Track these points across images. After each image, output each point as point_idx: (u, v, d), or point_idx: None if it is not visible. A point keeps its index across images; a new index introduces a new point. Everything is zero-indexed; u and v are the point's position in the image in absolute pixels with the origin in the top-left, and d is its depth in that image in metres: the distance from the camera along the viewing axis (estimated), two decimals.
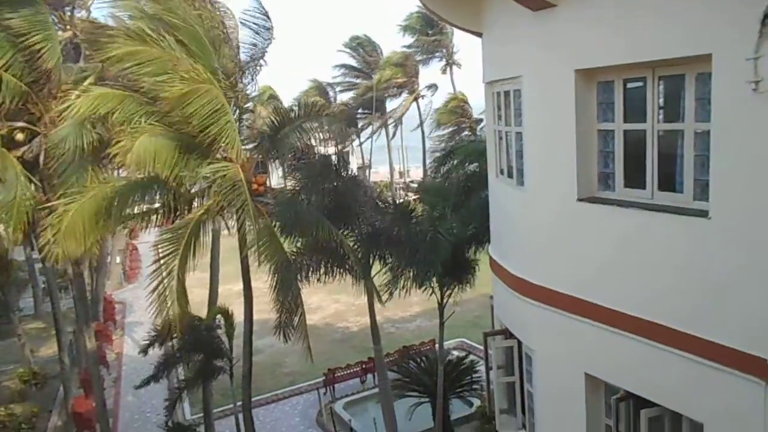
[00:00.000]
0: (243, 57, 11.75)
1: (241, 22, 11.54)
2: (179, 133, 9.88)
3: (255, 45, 11.91)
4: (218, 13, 11.54)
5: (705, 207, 4.93)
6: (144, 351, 13.89)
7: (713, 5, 4.61)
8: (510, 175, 7.58)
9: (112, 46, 9.25)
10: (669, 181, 5.42)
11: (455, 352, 18.88)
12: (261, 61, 11.94)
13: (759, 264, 4.50)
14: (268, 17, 11.49)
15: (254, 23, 11.43)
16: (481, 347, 10.37)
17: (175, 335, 12.21)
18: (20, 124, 11.97)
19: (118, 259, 35.27)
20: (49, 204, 10.27)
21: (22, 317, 23.13)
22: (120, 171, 12.67)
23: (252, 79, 11.80)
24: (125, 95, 10.08)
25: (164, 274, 9.04)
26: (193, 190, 11.12)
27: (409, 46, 42.82)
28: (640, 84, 5.50)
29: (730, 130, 4.62)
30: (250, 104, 12.13)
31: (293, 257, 11.54)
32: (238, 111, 11.25)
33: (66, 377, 18.61)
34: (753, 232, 4.53)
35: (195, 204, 11.25)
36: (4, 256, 14.40)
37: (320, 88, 43.65)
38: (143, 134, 9.06)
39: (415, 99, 43.44)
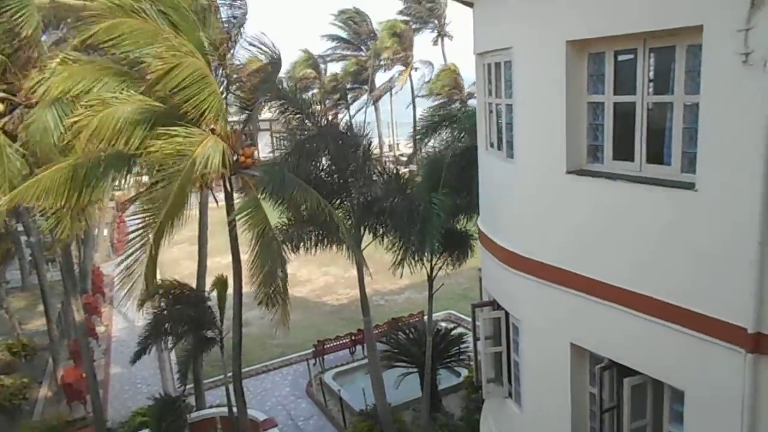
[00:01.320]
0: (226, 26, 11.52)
1: None
2: (163, 105, 9.65)
3: (234, 16, 11.71)
4: None
5: (692, 179, 4.97)
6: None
7: None
8: (499, 148, 7.58)
9: (95, 21, 8.91)
10: (657, 154, 5.45)
11: (443, 324, 19.12)
12: (241, 29, 11.73)
13: (742, 236, 4.56)
14: None
15: None
16: (469, 319, 10.48)
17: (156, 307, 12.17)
18: (1, 95, 11.70)
19: (105, 232, 35.08)
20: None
21: (9, 290, 23.04)
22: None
23: (233, 47, 11.57)
24: (103, 69, 9.72)
25: (137, 246, 8.62)
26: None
27: (401, 12, 42.22)
28: (631, 56, 5.48)
29: (719, 103, 4.63)
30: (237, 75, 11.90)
31: (283, 229, 11.49)
32: (226, 82, 11.07)
33: (55, 349, 18.65)
34: (738, 204, 4.59)
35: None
36: None
37: (311, 60, 43.09)
38: (108, 108, 8.73)
39: (409, 72, 43.03)
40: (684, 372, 5.26)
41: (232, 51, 11.43)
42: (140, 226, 8.74)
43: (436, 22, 42.53)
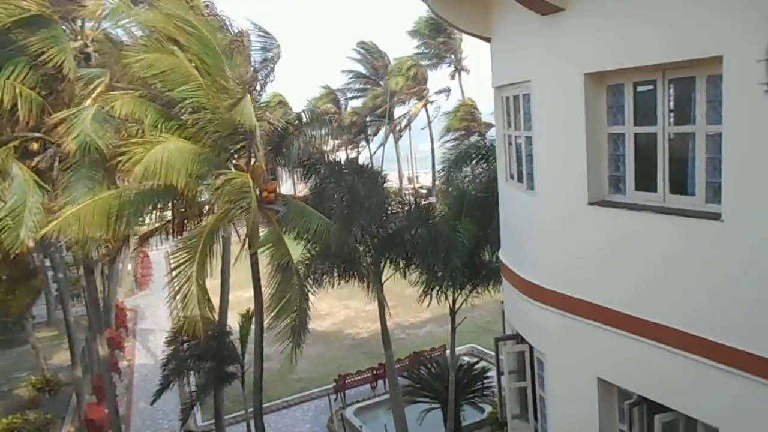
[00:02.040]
0: (255, 66, 11.94)
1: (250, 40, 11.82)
2: (195, 142, 10.04)
3: (266, 59, 12.15)
4: (228, 24, 11.79)
5: (717, 210, 4.90)
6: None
7: (724, 8, 4.60)
8: (520, 180, 7.58)
9: (133, 56, 9.48)
10: (680, 184, 5.40)
11: (466, 358, 18.81)
12: (271, 75, 12.17)
13: None
14: (271, 37, 11.84)
15: (261, 40, 11.74)
16: (492, 353, 10.32)
17: (193, 340, 12.34)
18: (37, 135, 12.13)
19: (129, 267, 35.54)
20: (57, 210, 10.33)
21: (35, 324, 23.33)
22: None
23: (262, 89, 11.98)
24: (148, 104, 10.30)
25: (182, 280, 9.27)
26: (202, 199, 11.23)
27: (417, 47, 43.04)
28: (650, 87, 5.49)
29: (741, 132, 4.60)
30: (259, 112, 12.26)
31: (305, 263, 11.62)
32: None
33: (78, 384, 18.75)
34: (765, 234, 4.50)
35: (204, 212, 11.38)
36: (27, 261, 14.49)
37: (331, 95, 43.97)
38: (157, 144, 9.20)
39: (425, 105, 43.62)
40: (717, 408, 5.09)
41: (260, 89, 11.84)
42: (185, 259, 9.32)
43: (452, 56, 43.15)
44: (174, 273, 9.48)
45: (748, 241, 4.65)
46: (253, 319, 12.41)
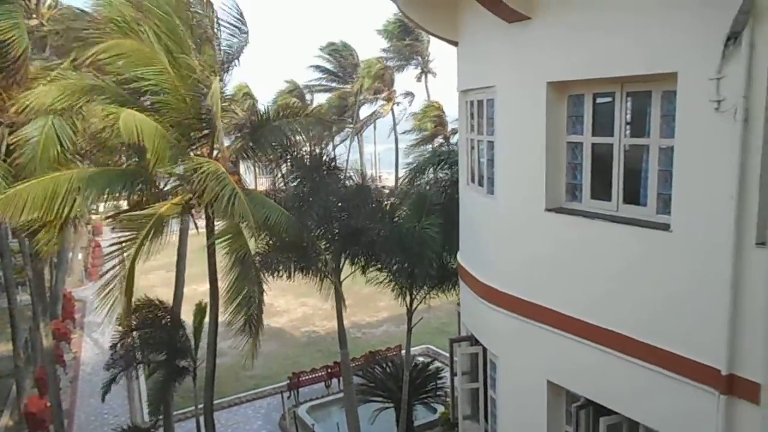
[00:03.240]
0: (221, 55, 11.64)
1: (218, 21, 11.40)
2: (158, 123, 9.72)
3: (230, 46, 11.85)
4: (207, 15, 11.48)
5: (667, 220, 5.08)
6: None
7: (680, 26, 4.78)
8: (480, 184, 7.68)
9: (93, 37, 9.00)
10: (634, 194, 5.58)
11: (421, 358, 18.91)
12: (235, 62, 11.86)
13: (715, 277, 4.65)
14: (243, 20, 11.42)
15: (231, 24, 11.35)
16: (447, 354, 10.43)
17: (132, 330, 11.99)
18: None
19: (80, 256, 34.38)
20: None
21: None
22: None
23: (226, 72, 11.72)
24: (97, 86, 9.73)
25: (115, 262, 8.75)
26: (165, 187, 10.90)
27: (385, 50, 43.11)
28: (609, 99, 5.66)
29: (692, 147, 4.78)
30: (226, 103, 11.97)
31: (261, 253, 11.46)
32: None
33: (20, 376, 18.04)
34: (711, 245, 4.69)
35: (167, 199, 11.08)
36: None
37: (297, 89, 43.55)
38: (125, 110, 8.73)
39: (391, 107, 43.71)
40: (658, 412, 5.27)
41: (224, 80, 11.57)
42: (126, 239, 8.82)
43: (419, 59, 43.41)
44: (112, 248, 8.96)
45: (695, 252, 4.84)
46: (208, 313, 12.18)
